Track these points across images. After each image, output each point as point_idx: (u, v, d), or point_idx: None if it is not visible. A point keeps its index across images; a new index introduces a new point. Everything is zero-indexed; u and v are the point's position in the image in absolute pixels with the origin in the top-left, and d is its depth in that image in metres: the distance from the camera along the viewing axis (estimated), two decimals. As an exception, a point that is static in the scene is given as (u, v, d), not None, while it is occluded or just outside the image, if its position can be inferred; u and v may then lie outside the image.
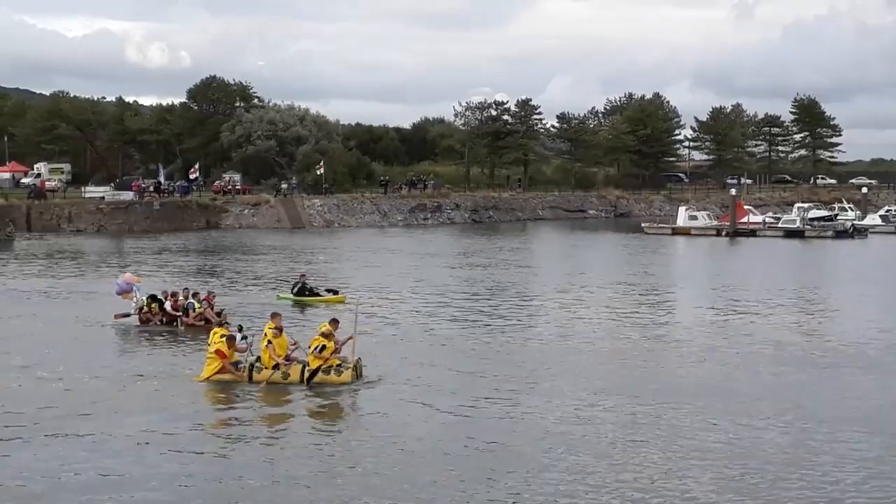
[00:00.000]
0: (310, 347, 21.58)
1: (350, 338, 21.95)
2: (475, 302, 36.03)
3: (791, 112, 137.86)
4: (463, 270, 48.50)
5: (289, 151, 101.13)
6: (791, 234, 75.66)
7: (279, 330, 22.09)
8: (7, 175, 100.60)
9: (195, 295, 30.48)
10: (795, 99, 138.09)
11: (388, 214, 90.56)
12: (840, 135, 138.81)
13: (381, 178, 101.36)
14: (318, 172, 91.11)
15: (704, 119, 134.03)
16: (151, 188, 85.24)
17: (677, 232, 78.29)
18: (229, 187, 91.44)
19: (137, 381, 21.95)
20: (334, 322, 22.23)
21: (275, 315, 22.83)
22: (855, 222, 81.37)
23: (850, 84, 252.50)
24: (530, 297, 37.84)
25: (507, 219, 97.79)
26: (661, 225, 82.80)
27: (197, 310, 29.46)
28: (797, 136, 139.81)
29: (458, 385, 21.54)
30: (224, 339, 21.98)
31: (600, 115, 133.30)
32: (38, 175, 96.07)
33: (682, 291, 41.10)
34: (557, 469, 15.65)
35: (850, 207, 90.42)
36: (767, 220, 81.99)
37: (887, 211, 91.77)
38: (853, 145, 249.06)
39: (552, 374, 22.73)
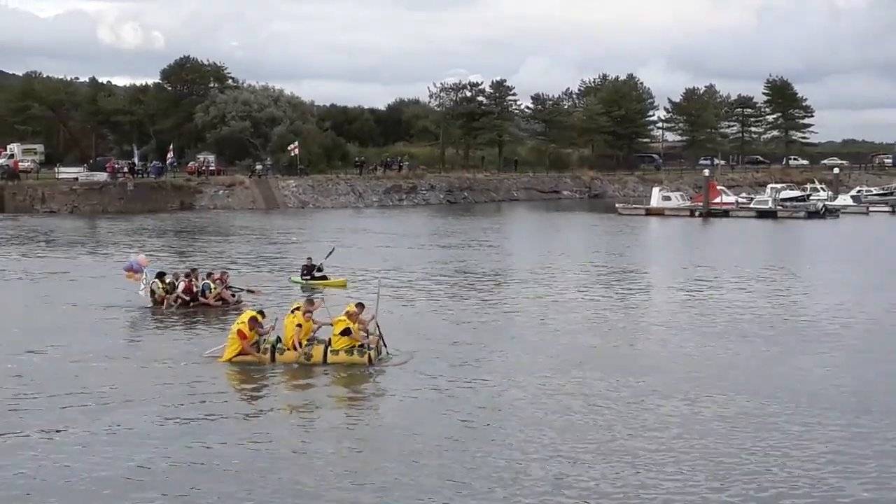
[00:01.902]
0: (333, 328, 21.72)
1: (372, 317, 22.09)
2: (458, 281, 36.28)
3: (764, 93, 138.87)
4: (440, 251, 48.77)
5: (263, 132, 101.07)
6: (763, 214, 76.33)
7: (310, 314, 22.27)
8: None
9: (209, 275, 30.18)
10: (768, 80, 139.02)
11: (364, 195, 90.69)
12: (812, 116, 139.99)
13: (356, 159, 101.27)
14: (293, 153, 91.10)
15: (678, 100, 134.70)
16: (125, 169, 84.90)
17: (651, 213, 78.76)
18: (203, 168, 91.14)
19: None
20: (360, 305, 22.36)
21: (311, 301, 23.11)
22: (826, 203, 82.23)
23: (822, 66, 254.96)
24: (505, 278, 38.18)
25: (482, 200, 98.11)
26: (634, 206, 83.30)
27: (213, 290, 29.19)
28: (770, 118, 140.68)
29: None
30: (248, 320, 21.91)
31: (574, 96, 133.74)
32: (11, 156, 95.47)
33: (654, 271, 41.55)
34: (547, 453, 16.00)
35: (821, 188, 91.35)
36: (740, 200, 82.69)
37: (858, 191, 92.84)
38: (825, 126, 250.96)
39: (530, 352, 23.10)
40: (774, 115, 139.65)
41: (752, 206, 79.73)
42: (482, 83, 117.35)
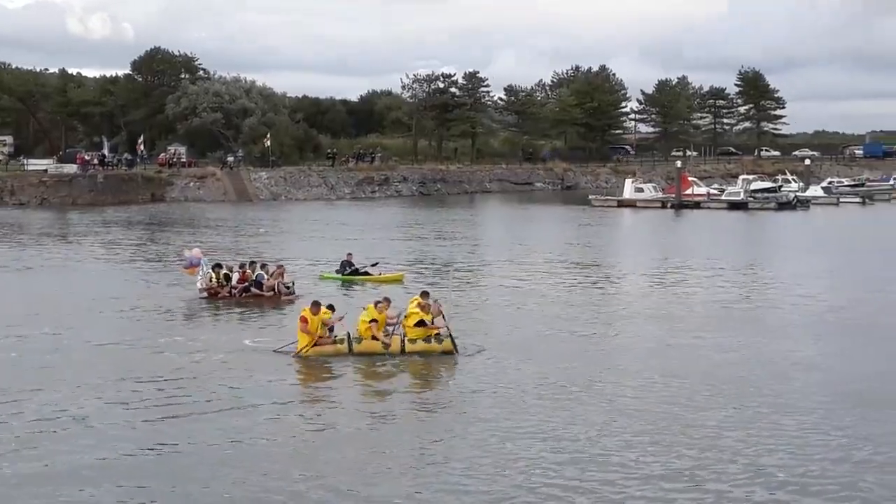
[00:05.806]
0: (406, 319, 21.65)
1: (440, 309, 21.94)
2: (440, 272, 36.25)
3: (736, 85, 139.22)
4: (412, 243, 48.70)
5: (235, 124, 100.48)
6: (735, 205, 76.56)
7: (382, 305, 22.08)
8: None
9: (264, 266, 30.65)
10: (740, 72, 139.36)
11: (336, 187, 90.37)
12: (784, 107, 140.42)
13: (329, 150, 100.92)
14: (265, 145, 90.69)
15: (650, 92, 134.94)
16: (96, 161, 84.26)
17: (623, 204, 78.83)
18: (174, 160, 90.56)
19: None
20: (425, 294, 22.48)
21: (382, 301, 22.58)
22: (797, 194, 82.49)
23: (794, 57, 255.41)
24: (477, 269, 38.19)
25: (455, 191, 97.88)
26: (607, 197, 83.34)
27: (268, 281, 29.59)
28: (742, 109, 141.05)
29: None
30: (310, 305, 21.86)
31: (547, 87, 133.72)
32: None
33: (625, 262, 41.61)
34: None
35: (793, 179, 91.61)
36: (712, 192, 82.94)
37: (829, 182, 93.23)
38: (796, 118, 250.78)
39: (502, 342, 23.14)
40: (746, 107, 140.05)
41: (723, 197, 80.00)
42: (455, 75, 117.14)
